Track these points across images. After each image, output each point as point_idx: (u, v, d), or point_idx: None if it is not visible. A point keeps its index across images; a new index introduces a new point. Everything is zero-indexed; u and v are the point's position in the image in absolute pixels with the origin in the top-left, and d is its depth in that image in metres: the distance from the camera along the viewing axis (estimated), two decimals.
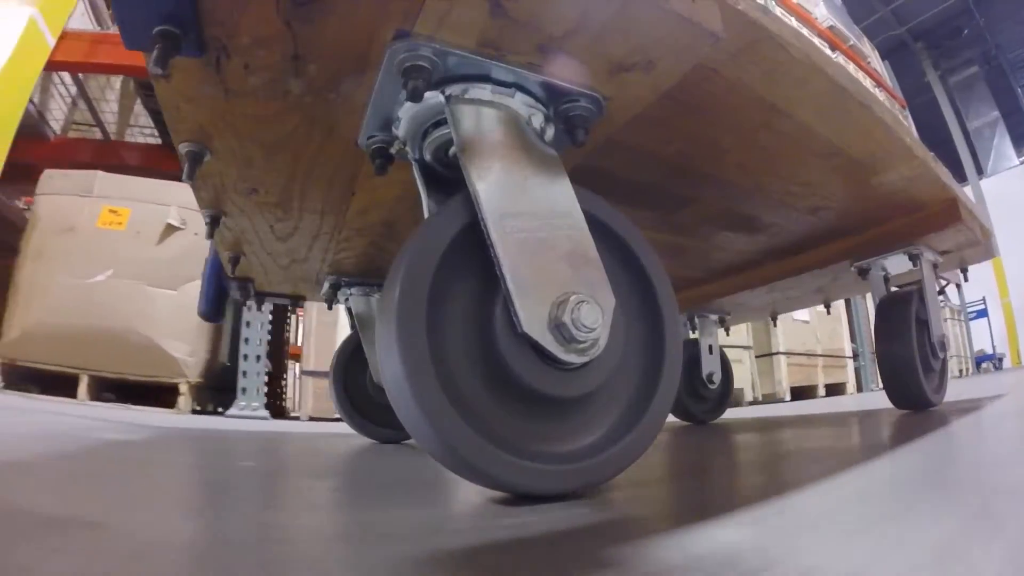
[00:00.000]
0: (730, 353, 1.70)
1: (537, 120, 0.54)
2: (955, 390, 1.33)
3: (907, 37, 6.87)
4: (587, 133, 0.55)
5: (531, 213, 0.48)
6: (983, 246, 1.09)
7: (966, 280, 1.34)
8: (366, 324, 1.16)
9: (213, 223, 0.84)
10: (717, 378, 1.48)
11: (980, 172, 7.27)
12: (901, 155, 0.79)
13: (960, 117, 7.34)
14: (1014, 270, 5.54)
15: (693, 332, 1.52)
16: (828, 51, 3.42)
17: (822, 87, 0.61)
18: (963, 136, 7.18)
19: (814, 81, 0.60)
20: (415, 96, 0.47)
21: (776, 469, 0.64)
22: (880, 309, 1.08)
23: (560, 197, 0.51)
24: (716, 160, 0.74)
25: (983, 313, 6.22)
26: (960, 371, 5.29)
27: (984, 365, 5.86)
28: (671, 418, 1.50)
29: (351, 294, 1.16)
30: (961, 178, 7.15)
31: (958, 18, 6.55)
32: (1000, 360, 6.05)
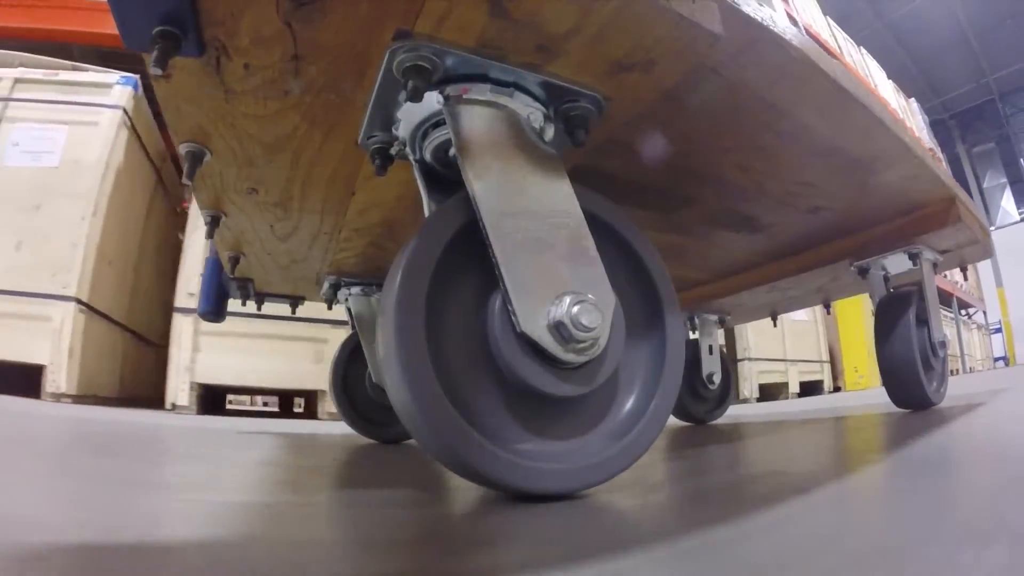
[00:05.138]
0: None
1: (536, 120, 0.54)
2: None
3: (946, 118, 9.70)
4: (587, 133, 0.55)
5: (530, 212, 0.48)
6: (982, 245, 1.09)
7: (965, 279, 1.35)
8: (366, 324, 1.16)
9: (213, 223, 0.84)
10: (717, 378, 1.48)
11: (991, 223, 9.99)
12: (900, 154, 0.79)
13: (978, 179, 10.22)
14: (1015, 296, 8.54)
15: (693, 332, 1.52)
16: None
17: (822, 87, 0.61)
18: (979, 194, 9.96)
19: (814, 81, 0.60)
20: (415, 96, 0.47)
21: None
22: (880, 309, 1.08)
23: (559, 196, 0.51)
24: (716, 160, 0.74)
25: (999, 330, 9.03)
26: (984, 367, 7.81)
27: (998, 363, 8.84)
28: (671, 418, 1.50)
29: (351, 294, 1.16)
30: None
31: (984, 104, 9.48)
32: (1007, 360, 9.06)
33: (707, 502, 0.46)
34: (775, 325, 1.70)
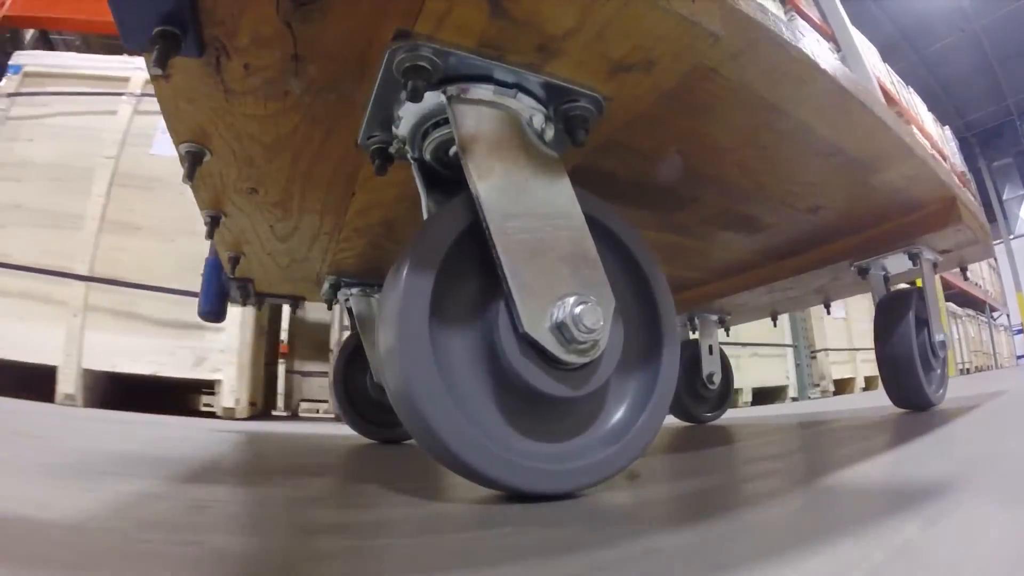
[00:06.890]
0: None
1: (537, 120, 0.54)
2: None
3: (969, 136, 10.62)
4: (587, 133, 0.55)
5: (532, 214, 0.48)
6: (982, 245, 1.09)
7: (965, 279, 1.35)
8: (366, 324, 1.16)
9: (213, 223, 0.84)
10: (717, 378, 1.48)
11: (1010, 232, 11.10)
12: (901, 154, 0.78)
13: (997, 191, 11.28)
14: None
15: (693, 332, 1.52)
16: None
17: (822, 86, 0.61)
18: (999, 205, 11.14)
19: (814, 80, 0.60)
20: (415, 96, 0.47)
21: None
22: (879, 309, 1.08)
23: (561, 198, 0.51)
24: (716, 160, 0.74)
25: (1021, 330, 10.16)
26: (1009, 364, 8.78)
27: (1020, 360, 9.89)
28: (670, 418, 1.50)
29: (351, 294, 1.16)
30: (997, 235, 10.50)
31: (1004, 123, 10.64)
32: None
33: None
34: (775, 325, 1.70)
